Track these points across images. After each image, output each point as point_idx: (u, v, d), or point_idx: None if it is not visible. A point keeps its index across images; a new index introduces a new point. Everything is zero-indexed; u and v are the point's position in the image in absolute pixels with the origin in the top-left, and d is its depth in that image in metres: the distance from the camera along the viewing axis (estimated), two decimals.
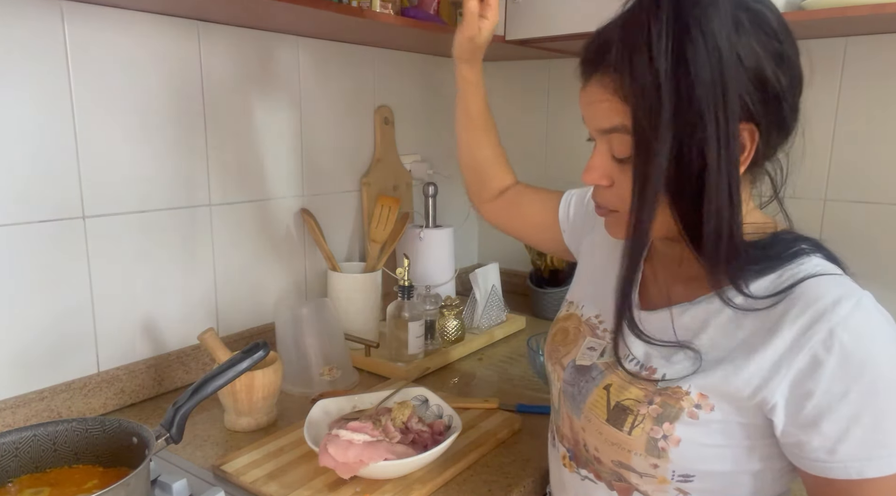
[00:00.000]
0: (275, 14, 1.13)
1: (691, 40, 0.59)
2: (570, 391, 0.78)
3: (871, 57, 1.31)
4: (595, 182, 0.71)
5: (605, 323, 0.80)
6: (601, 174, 0.71)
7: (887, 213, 1.34)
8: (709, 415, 0.65)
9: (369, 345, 1.33)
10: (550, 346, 0.86)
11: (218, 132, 1.24)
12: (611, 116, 0.66)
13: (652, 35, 0.60)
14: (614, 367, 0.73)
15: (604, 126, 0.68)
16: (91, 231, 1.07)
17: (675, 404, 0.66)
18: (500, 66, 1.88)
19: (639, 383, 0.70)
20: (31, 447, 0.79)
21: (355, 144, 1.55)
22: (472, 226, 1.98)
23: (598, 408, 0.72)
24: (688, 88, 0.60)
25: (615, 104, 0.65)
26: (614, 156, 0.68)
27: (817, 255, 0.67)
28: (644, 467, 0.69)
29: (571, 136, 1.77)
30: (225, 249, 1.29)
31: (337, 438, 0.87)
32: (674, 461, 0.67)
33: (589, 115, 0.71)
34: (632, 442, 0.68)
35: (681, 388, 0.66)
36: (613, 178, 0.70)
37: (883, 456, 0.59)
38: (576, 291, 0.90)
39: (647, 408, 0.68)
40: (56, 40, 1.00)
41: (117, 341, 1.13)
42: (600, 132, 0.69)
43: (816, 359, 0.60)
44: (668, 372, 0.68)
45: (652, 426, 0.67)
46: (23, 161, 0.98)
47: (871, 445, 0.59)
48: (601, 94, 0.66)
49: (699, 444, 0.66)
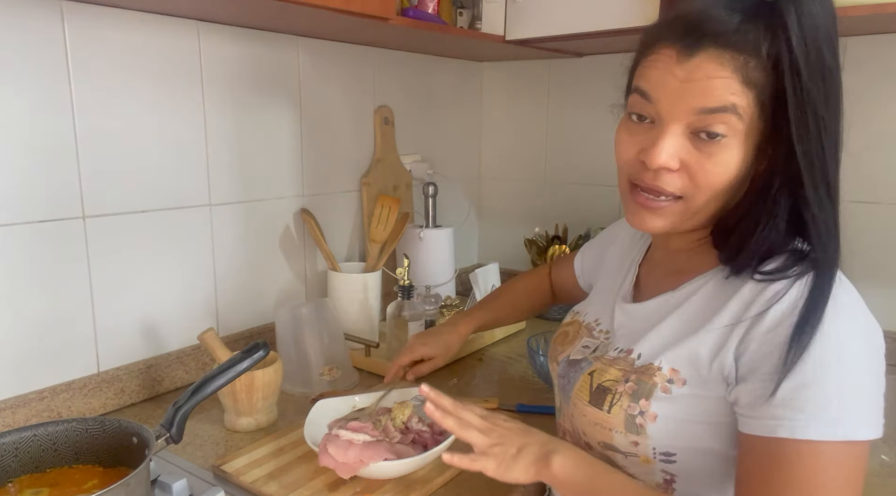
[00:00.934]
0: (274, 14, 1.13)
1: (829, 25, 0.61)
2: (562, 383, 0.83)
3: (872, 57, 1.31)
4: (665, 164, 0.65)
5: (601, 324, 0.84)
6: (674, 156, 0.65)
7: (887, 213, 1.34)
8: (681, 389, 0.67)
9: (369, 345, 1.33)
10: (552, 347, 0.90)
11: (218, 132, 1.24)
12: (724, 94, 0.61)
13: (788, 18, 0.60)
14: (600, 357, 0.77)
15: (710, 104, 0.62)
16: (91, 231, 1.07)
17: (648, 380, 0.69)
18: (500, 66, 1.88)
19: (618, 365, 0.73)
20: (31, 447, 0.79)
21: (355, 144, 1.55)
22: (472, 226, 1.98)
23: (583, 392, 0.76)
24: (823, 74, 0.61)
25: (732, 83, 0.61)
26: (702, 137, 0.64)
27: None
28: (626, 445, 0.71)
29: (571, 136, 1.77)
30: (225, 249, 1.29)
31: (337, 438, 0.87)
32: (652, 437, 0.69)
33: (685, 92, 0.63)
34: (611, 420, 0.71)
35: (653, 364, 0.70)
36: (686, 162, 0.65)
37: (797, 420, 0.59)
38: (583, 304, 0.93)
39: (624, 386, 0.71)
40: (56, 40, 1.00)
41: (117, 341, 1.13)
42: (699, 111, 0.63)
43: (761, 315, 0.63)
44: (643, 351, 0.72)
45: (629, 403, 0.70)
46: (23, 161, 0.98)
47: (787, 408, 0.60)
48: (716, 71, 0.61)
49: (675, 420, 0.68)
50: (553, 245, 1.66)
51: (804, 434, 0.59)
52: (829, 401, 0.59)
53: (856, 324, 0.62)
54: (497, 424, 0.74)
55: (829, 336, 0.60)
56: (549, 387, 1.23)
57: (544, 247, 1.68)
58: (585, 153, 1.75)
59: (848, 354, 0.60)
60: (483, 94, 1.92)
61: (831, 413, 0.59)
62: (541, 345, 1.27)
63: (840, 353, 0.60)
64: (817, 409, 0.59)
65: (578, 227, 1.72)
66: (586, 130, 1.74)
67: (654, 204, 0.68)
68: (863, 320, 0.63)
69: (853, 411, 0.59)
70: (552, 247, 1.65)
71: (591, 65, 1.71)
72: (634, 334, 0.75)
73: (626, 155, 0.70)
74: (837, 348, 0.60)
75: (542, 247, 1.69)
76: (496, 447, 0.71)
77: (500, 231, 1.97)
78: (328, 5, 1.01)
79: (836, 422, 0.58)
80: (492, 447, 0.71)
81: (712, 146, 0.64)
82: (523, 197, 1.90)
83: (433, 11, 1.38)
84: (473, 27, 1.51)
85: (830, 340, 0.60)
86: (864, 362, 0.61)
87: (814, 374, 0.59)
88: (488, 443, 0.72)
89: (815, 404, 0.59)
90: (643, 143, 0.67)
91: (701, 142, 0.64)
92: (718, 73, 0.61)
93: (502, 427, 0.74)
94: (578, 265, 1.11)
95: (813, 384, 0.59)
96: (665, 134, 0.65)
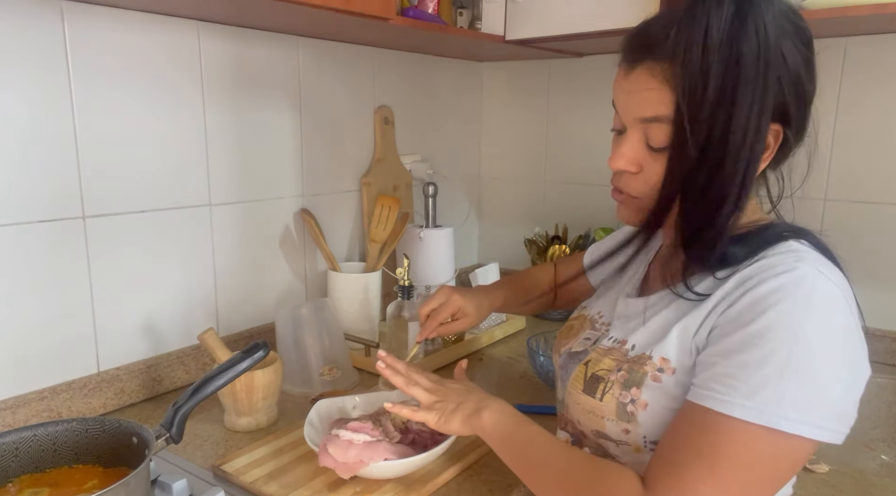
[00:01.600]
0: (274, 14, 1.13)
1: (746, 35, 0.61)
2: (562, 374, 0.85)
3: (871, 57, 1.31)
4: (623, 168, 0.72)
5: (604, 317, 0.86)
6: (630, 161, 0.71)
7: (887, 213, 1.34)
8: (671, 378, 0.69)
9: (369, 345, 1.33)
10: (557, 341, 0.93)
11: (218, 132, 1.24)
12: (656, 105, 0.67)
13: (711, 25, 0.62)
14: (596, 347, 0.80)
15: (646, 114, 0.68)
16: (91, 231, 1.08)
17: (639, 369, 0.72)
18: (500, 66, 1.88)
19: (612, 354, 0.76)
20: (31, 447, 0.79)
21: (355, 144, 1.55)
22: (472, 226, 1.98)
23: (578, 381, 0.78)
24: (734, 80, 0.62)
25: (663, 93, 0.66)
26: (649, 145, 0.69)
27: (801, 241, 0.69)
28: (617, 433, 0.73)
29: (571, 136, 1.77)
30: (225, 249, 1.29)
31: (337, 438, 0.87)
32: (643, 425, 0.71)
33: (629, 103, 0.70)
34: (603, 408, 0.74)
35: (645, 354, 0.72)
36: (642, 166, 0.71)
37: (727, 396, 0.61)
38: (591, 299, 0.95)
39: (616, 375, 0.73)
40: (56, 40, 1.00)
41: (117, 341, 1.13)
42: (640, 120, 0.69)
43: (734, 303, 0.65)
44: (637, 342, 0.74)
45: (620, 391, 0.72)
46: (23, 161, 0.98)
47: (723, 382, 0.62)
48: (649, 82, 0.67)
49: (664, 409, 0.70)
50: (553, 245, 1.66)
51: (729, 410, 0.61)
52: (765, 385, 0.59)
53: (826, 322, 0.61)
54: (443, 384, 0.87)
55: (791, 324, 0.60)
56: (549, 387, 1.23)
57: (544, 247, 1.68)
58: (585, 153, 1.75)
59: (806, 347, 0.60)
60: (483, 94, 1.92)
61: (762, 397, 0.59)
62: (541, 345, 1.27)
63: (797, 343, 0.60)
64: (751, 390, 0.60)
65: (578, 227, 1.72)
66: (586, 130, 1.74)
67: (620, 200, 0.77)
68: (837, 321, 0.62)
69: (790, 403, 0.59)
70: (552, 247, 1.65)
71: (591, 65, 1.71)
72: (631, 325, 0.77)
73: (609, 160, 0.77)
74: (795, 338, 0.60)
75: (542, 247, 1.69)
76: (438, 403, 0.83)
77: (500, 231, 1.97)
78: (328, 5, 1.01)
79: (766, 407, 0.59)
80: (434, 403, 0.83)
81: (659, 152, 0.68)
82: (523, 197, 1.90)
83: (433, 11, 1.38)
84: (473, 27, 1.51)
85: (791, 329, 0.60)
86: (824, 361, 0.60)
87: (761, 356, 0.60)
88: (432, 399, 0.84)
89: (751, 385, 0.60)
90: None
91: (652, 148, 0.69)
92: (651, 85, 0.66)
93: (447, 387, 0.86)
94: (588, 259, 1.13)
95: (756, 365, 0.60)
96: (623, 141, 0.71)
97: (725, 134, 0.63)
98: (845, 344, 0.62)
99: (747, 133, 0.63)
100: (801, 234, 0.70)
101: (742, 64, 0.62)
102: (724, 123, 0.63)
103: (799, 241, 0.68)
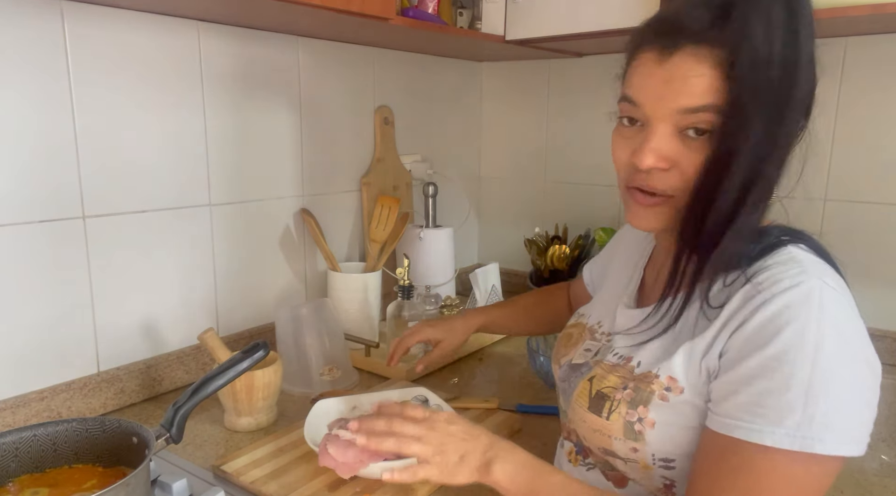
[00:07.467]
0: (274, 14, 1.13)
1: (803, 18, 0.60)
2: (563, 386, 0.83)
3: (871, 57, 1.31)
4: (654, 165, 0.65)
5: (603, 327, 0.83)
6: (663, 157, 0.65)
7: (887, 213, 1.34)
8: (678, 397, 0.67)
9: (369, 345, 1.33)
10: (555, 349, 0.90)
11: (218, 132, 1.24)
12: (703, 93, 0.61)
13: (773, 8, 0.59)
14: (600, 362, 0.77)
15: (692, 104, 0.62)
16: (91, 231, 1.07)
17: (646, 388, 0.69)
18: (500, 66, 1.88)
19: (617, 371, 0.73)
20: (31, 447, 0.79)
21: (355, 144, 1.55)
22: (472, 226, 1.98)
23: (582, 398, 0.75)
24: (794, 63, 0.59)
25: (713, 80, 0.60)
26: (686, 136, 0.64)
27: (798, 246, 0.67)
28: (625, 451, 0.71)
29: (571, 136, 1.77)
30: (225, 249, 1.29)
31: (337, 438, 0.87)
32: (651, 443, 0.69)
33: (666, 93, 0.63)
34: (610, 427, 0.71)
35: (651, 372, 0.69)
36: (676, 160, 0.65)
37: (755, 424, 0.59)
38: (587, 307, 0.93)
39: (622, 393, 0.71)
40: (56, 40, 1.00)
41: (117, 341, 1.13)
42: (680, 111, 0.63)
43: (744, 323, 0.62)
44: (642, 359, 0.71)
45: (627, 410, 0.70)
46: (23, 161, 0.98)
47: (748, 412, 0.60)
48: (695, 69, 0.61)
49: (672, 426, 0.68)
50: (553, 245, 1.66)
51: (760, 439, 0.58)
52: (792, 409, 0.57)
53: (840, 335, 0.60)
54: (436, 428, 0.74)
55: (807, 344, 0.58)
56: (549, 387, 1.23)
57: (544, 247, 1.68)
58: (585, 153, 1.75)
59: (826, 365, 0.58)
60: (483, 94, 1.92)
61: (793, 422, 0.57)
62: (541, 345, 1.27)
63: (816, 363, 0.58)
64: (780, 416, 0.58)
65: (578, 227, 1.72)
66: (586, 130, 1.74)
67: (649, 202, 0.68)
68: (849, 331, 0.61)
69: (820, 424, 0.57)
70: (552, 247, 1.65)
71: (591, 65, 1.71)
72: (634, 341, 0.74)
73: (620, 158, 0.70)
74: (814, 357, 0.58)
75: (542, 247, 1.68)
76: (437, 456, 0.72)
77: (500, 231, 1.97)
78: (328, 5, 1.01)
79: (797, 432, 0.57)
80: (433, 456, 0.72)
81: (698, 142, 0.64)
82: (523, 197, 1.90)
83: (433, 11, 1.38)
84: (473, 27, 1.51)
85: (808, 348, 0.58)
86: (845, 374, 0.59)
87: (784, 380, 0.58)
88: (430, 452, 0.72)
89: (779, 411, 0.58)
90: (634, 145, 0.67)
91: (689, 139, 0.64)
92: (697, 71, 0.61)
93: (443, 433, 0.74)
94: (587, 275, 1.09)
95: (779, 391, 0.58)
96: (652, 135, 0.65)
97: (780, 120, 0.60)
98: (858, 352, 0.61)
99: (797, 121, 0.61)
100: (799, 237, 0.68)
101: (800, 45, 0.59)
102: (781, 109, 0.60)
103: (797, 246, 0.67)
